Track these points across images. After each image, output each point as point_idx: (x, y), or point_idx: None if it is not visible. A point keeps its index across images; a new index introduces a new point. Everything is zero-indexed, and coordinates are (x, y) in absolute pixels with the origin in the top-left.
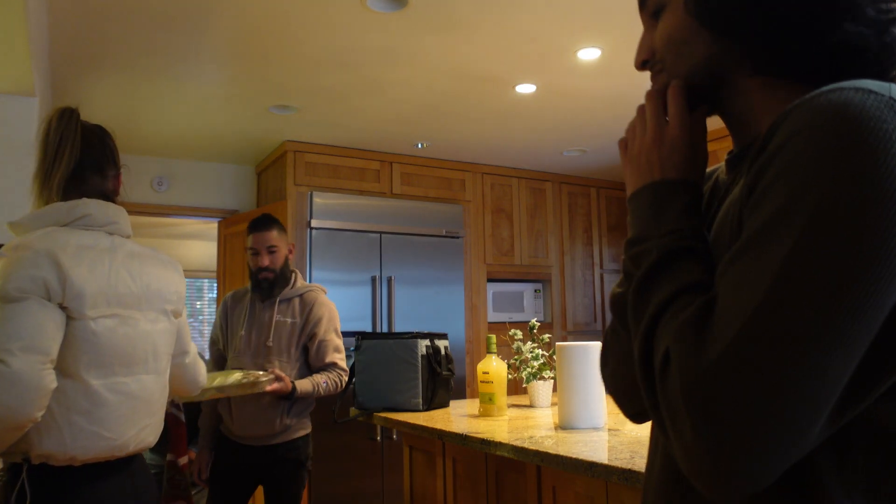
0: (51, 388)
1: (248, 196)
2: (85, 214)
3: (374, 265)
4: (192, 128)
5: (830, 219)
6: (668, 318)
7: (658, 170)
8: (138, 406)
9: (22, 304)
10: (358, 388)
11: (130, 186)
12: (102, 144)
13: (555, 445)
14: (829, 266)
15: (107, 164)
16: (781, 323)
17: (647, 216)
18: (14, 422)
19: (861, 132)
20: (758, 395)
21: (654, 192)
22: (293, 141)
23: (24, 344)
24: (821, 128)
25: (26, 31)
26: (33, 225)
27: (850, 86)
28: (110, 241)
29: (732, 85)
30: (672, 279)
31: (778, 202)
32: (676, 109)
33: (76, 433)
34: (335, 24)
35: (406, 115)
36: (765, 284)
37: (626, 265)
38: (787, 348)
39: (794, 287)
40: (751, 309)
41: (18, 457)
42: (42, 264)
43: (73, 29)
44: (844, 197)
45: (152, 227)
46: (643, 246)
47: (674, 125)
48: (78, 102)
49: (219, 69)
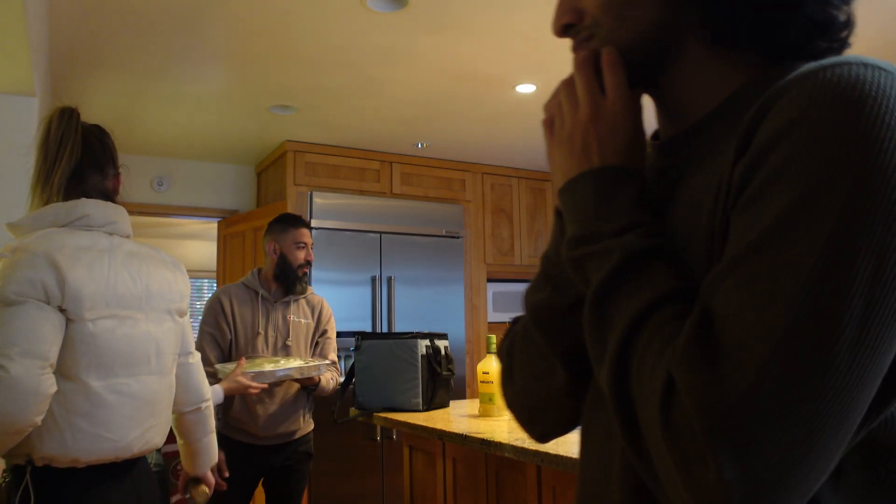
0: (50, 392)
1: (248, 196)
2: (84, 215)
3: (374, 265)
4: (192, 128)
5: (860, 217)
6: (649, 335)
7: (597, 154)
8: (142, 406)
9: (20, 308)
10: (358, 389)
11: (130, 186)
12: (102, 144)
13: (555, 445)
14: (872, 261)
15: (107, 164)
16: (821, 344)
17: (593, 210)
18: (13, 427)
19: (883, 115)
20: (801, 430)
21: (597, 180)
22: (293, 141)
23: (23, 349)
24: (834, 108)
25: (26, 31)
26: (32, 226)
27: (856, 60)
28: (109, 241)
29: (680, 58)
30: (644, 286)
31: (794, 196)
32: (617, 80)
33: (77, 435)
34: (335, 24)
35: (406, 115)
36: (792, 298)
37: (547, 269)
38: (831, 376)
39: (833, 300)
40: (781, 329)
41: (22, 459)
42: (40, 267)
43: (73, 29)
44: (877, 188)
45: (152, 227)
46: (596, 245)
47: (613, 100)
48: (78, 102)
49: (218, 69)
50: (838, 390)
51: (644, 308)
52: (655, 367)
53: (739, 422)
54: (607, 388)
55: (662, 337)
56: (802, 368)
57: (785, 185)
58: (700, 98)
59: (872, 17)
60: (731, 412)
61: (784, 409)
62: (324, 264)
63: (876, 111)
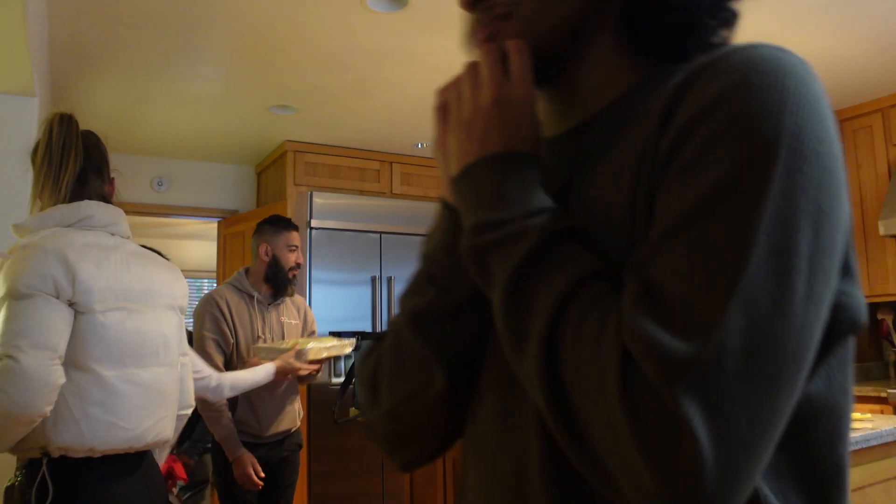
0: (59, 383)
1: (248, 196)
2: (88, 215)
3: (373, 265)
4: (192, 128)
5: (798, 180)
6: (579, 314)
7: (499, 139)
8: (153, 397)
9: (30, 301)
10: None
11: (130, 186)
12: (98, 149)
13: None
14: (810, 222)
15: (104, 168)
16: (778, 303)
17: (499, 194)
18: (24, 416)
19: (805, 84)
20: (765, 392)
21: (503, 164)
22: (293, 141)
23: (33, 340)
24: (763, 77)
25: (26, 32)
26: (38, 226)
27: (764, 44)
28: (113, 240)
29: (588, 49)
30: (567, 266)
31: (733, 163)
32: (524, 64)
33: (92, 424)
34: (335, 24)
35: (406, 115)
36: (744, 261)
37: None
38: (790, 336)
39: (783, 262)
40: (737, 292)
41: (37, 452)
42: (51, 262)
43: (73, 29)
44: (809, 153)
45: (152, 227)
46: (504, 231)
47: (519, 85)
48: (78, 102)
49: (219, 69)
50: (795, 351)
51: (569, 287)
52: (598, 344)
53: (710, 384)
54: (535, 375)
55: (599, 313)
56: (764, 329)
57: (723, 152)
58: (602, 89)
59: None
60: (701, 376)
61: (750, 370)
62: (324, 264)
63: (799, 81)
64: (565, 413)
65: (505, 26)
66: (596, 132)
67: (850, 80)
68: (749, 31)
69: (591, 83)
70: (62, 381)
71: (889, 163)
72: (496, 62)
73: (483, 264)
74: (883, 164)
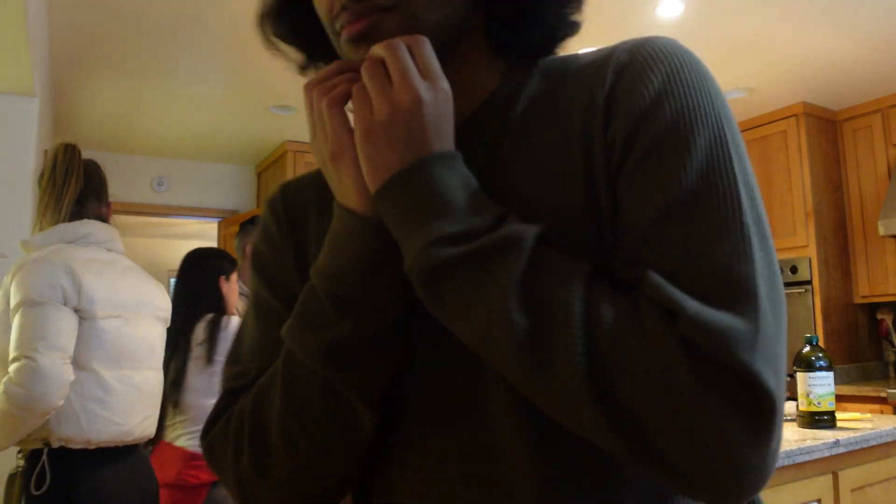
0: (70, 379)
1: (248, 196)
2: (88, 233)
3: None
4: (191, 128)
5: (740, 149)
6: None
7: (426, 141)
8: (142, 396)
9: (43, 308)
10: None
11: (130, 186)
12: (98, 176)
13: None
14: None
15: (102, 192)
16: (771, 264)
17: (446, 201)
18: (42, 409)
19: (702, 63)
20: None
21: (441, 168)
22: (293, 141)
23: (48, 343)
24: (689, 64)
25: (26, 32)
26: (43, 243)
27: (660, 36)
28: (109, 255)
29: (462, 47)
30: (570, 270)
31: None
32: (434, 59)
33: (91, 419)
34: None
35: None
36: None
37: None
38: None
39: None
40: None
41: (39, 443)
42: (59, 273)
43: (73, 29)
44: (731, 117)
45: (152, 227)
46: (477, 242)
47: (437, 80)
48: (78, 103)
49: (219, 69)
50: (784, 299)
51: (585, 292)
52: (643, 340)
53: (768, 347)
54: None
55: (626, 311)
56: (775, 289)
57: (692, 135)
58: (477, 86)
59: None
60: (765, 343)
61: (780, 327)
62: None
63: (701, 63)
64: (618, 415)
65: (386, 18)
66: (482, 127)
67: (850, 80)
68: (749, 31)
69: (466, 80)
70: (72, 377)
71: (889, 163)
72: (407, 57)
73: (447, 283)
74: (883, 164)
